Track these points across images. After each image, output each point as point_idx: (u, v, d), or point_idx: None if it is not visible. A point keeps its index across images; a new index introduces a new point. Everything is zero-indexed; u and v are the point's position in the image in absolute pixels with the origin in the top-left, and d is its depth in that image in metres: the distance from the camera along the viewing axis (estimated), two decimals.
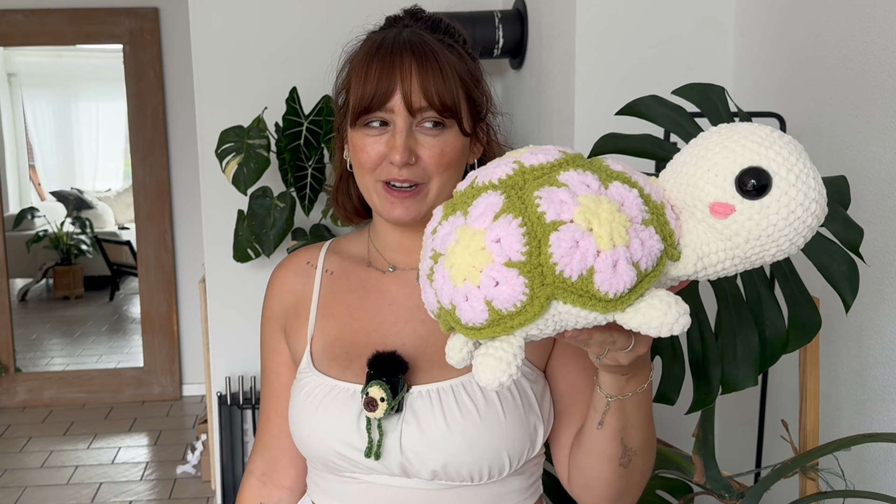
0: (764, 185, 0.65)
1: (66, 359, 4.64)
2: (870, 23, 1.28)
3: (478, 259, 0.66)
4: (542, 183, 0.69)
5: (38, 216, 5.94)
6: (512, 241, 0.65)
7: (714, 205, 0.67)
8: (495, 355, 0.68)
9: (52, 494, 3.04)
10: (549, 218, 0.66)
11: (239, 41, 2.42)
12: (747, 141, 0.67)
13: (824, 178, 1.07)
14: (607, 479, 0.86)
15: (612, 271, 0.65)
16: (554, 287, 0.65)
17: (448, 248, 0.69)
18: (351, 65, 0.91)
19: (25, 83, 6.09)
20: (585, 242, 0.65)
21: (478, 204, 0.69)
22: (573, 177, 0.69)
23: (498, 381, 0.67)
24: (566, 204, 0.66)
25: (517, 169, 0.71)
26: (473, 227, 0.68)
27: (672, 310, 0.66)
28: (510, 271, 0.65)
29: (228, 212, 2.43)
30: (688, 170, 0.70)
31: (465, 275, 0.67)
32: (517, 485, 0.92)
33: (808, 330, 1.01)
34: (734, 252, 0.69)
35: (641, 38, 1.74)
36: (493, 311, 0.66)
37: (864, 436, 1.04)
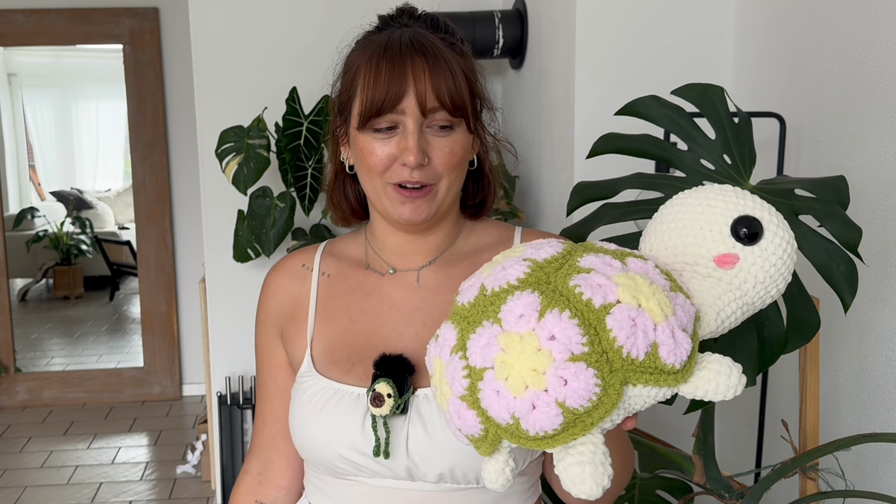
0: (756, 231, 0.69)
1: (66, 359, 4.64)
2: (870, 23, 1.28)
3: (537, 362, 0.62)
4: (567, 272, 0.67)
5: (38, 216, 5.94)
6: (569, 334, 0.63)
7: (719, 258, 0.70)
8: (587, 461, 0.63)
9: (52, 494, 3.04)
10: (598, 303, 0.64)
11: (239, 41, 2.42)
12: (725, 195, 0.71)
13: (824, 178, 1.07)
14: None
15: (673, 342, 0.64)
16: (624, 371, 0.63)
17: (495, 359, 0.65)
18: (355, 67, 0.89)
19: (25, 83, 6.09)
20: (642, 319, 0.64)
21: (511, 308, 0.66)
22: (594, 260, 0.68)
23: (601, 487, 0.63)
24: (606, 286, 0.65)
25: (532, 265, 0.69)
26: (519, 332, 0.64)
27: (733, 371, 0.66)
28: (577, 365, 0.62)
29: (228, 212, 2.43)
30: (678, 233, 0.72)
31: (527, 381, 0.63)
32: (519, 485, 0.93)
33: (807, 330, 1.01)
34: (743, 300, 0.71)
35: (641, 39, 1.74)
36: (568, 411, 0.62)
37: (864, 436, 1.04)
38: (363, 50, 0.89)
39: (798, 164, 1.52)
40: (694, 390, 0.66)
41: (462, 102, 0.87)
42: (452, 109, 0.86)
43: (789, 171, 1.53)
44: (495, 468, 0.69)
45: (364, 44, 0.91)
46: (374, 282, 0.97)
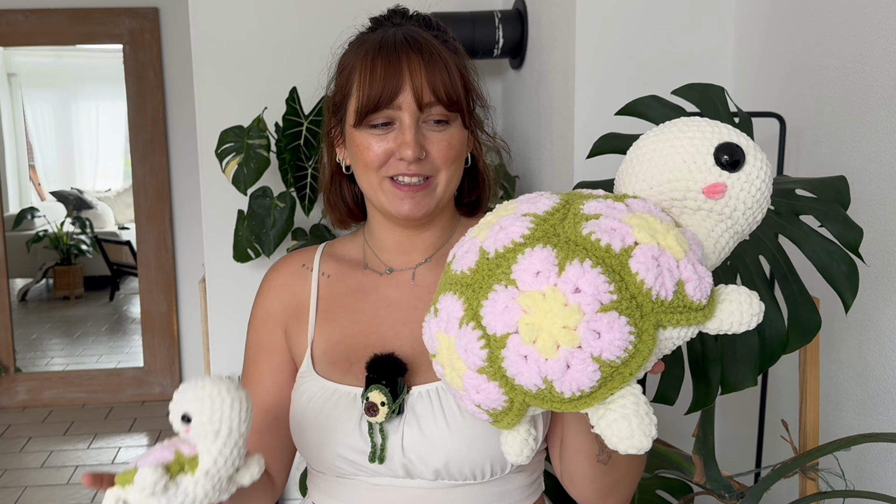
0: (737, 158, 0.68)
1: (66, 359, 4.64)
2: (870, 23, 1.28)
3: (567, 317, 0.59)
4: (575, 220, 0.64)
5: (38, 216, 5.94)
6: (595, 283, 0.59)
7: (707, 188, 0.68)
8: (631, 413, 0.60)
9: (52, 494, 3.04)
10: (617, 247, 0.61)
11: (239, 41, 2.42)
12: (699, 126, 0.69)
13: (824, 178, 1.07)
14: (589, 474, 0.87)
15: (697, 276, 0.62)
16: (655, 314, 0.61)
17: (518, 322, 0.60)
18: (349, 66, 0.90)
19: (25, 83, 6.09)
20: (665, 258, 0.61)
21: (525, 266, 0.61)
22: (598, 205, 0.65)
23: (651, 438, 0.60)
24: (621, 229, 0.62)
25: (535, 219, 0.65)
26: (540, 289, 0.60)
27: (753, 299, 0.64)
28: (609, 315, 0.58)
29: (228, 212, 2.43)
30: (660, 170, 0.69)
31: (558, 340, 0.59)
32: (520, 482, 0.93)
33: (807, 330, 1.01)
34: (735, 229, 0.70)
35: (641, 39, 1.74)
36: (606, 364, 0.59)
37: (864, 436, 1.04)
38: (357, 49, 0.90)
39: (798, 164, 1.52)
40: (720, 324, 0.64)
41: (457, 97, 0.88)
42: (448, 104, 0.87)
43: (789, 171, 1.53)
44: (517, 441, 0.66)
45: (357, 43, 0.92)
46: (372, 281, 0.97)
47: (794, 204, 1.04)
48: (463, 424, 0.85)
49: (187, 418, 0.69)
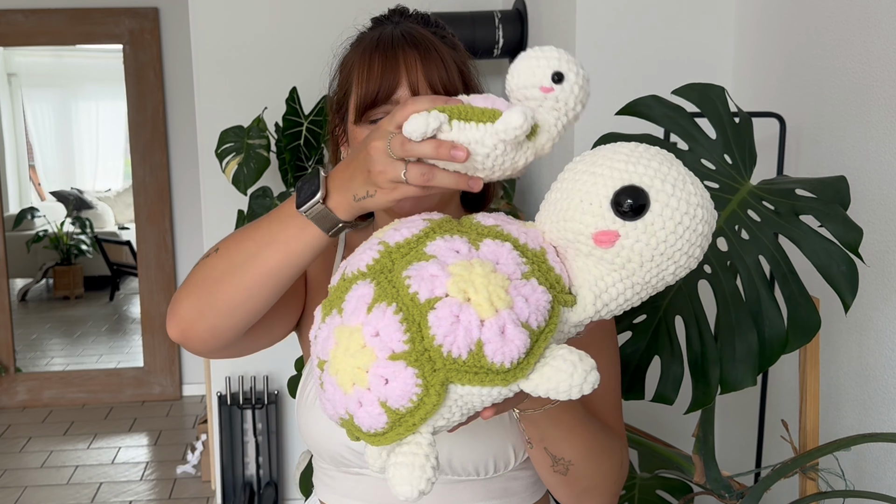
0: (642, 204, 0.62)
1: (66, 359, 4.64)
2: (870, 23, 1.28)
3: (361, 359, 0.61)
4: (410, 260, 0.64)
5: (38, 216, 5.94)
6: (390, 331, 0.60)
7: (597, 235, 0.63)
8: (406, 462, 0.62)
9: (52, 494, 3.04)
10: (423, 297, 0.61)
11: (239, 41, 2.42)
12: (613, 161, 0.64)
13: (824, 178, 1.07)
14: (552, 483, 0.86)
15: (501, 339, 0.60)
16: (446, 370, 0.60)
17: (330, 353, 0.63)
18: (349, 64, 0.91)
19: (25, 83, 6.09)
20: (466, 315, 0.60)
21: (350, 298, 0.64)
22: (440, 246, 0.65)
23: (418, 490, 0.61)
24: (437, 278, 0.61)
25: (383, 250, 0.66)
26: (350, 325, 0.62)
27: (577, 371, 0.61)
28: (396, 364, 0.60)
29: (228, 212, 2.43)
30: (561, 205, 0.66)
31: (353, 378, 0.61)
32: (524, 479, 0.93)
33: (807, 330, 1.01)
34: (632, 280, 0.65)
35: (641, 38, 1.74)
36: (391, 411, 0.61)
37: (864, 436, 1.04)
38: (356, 47, 0.91)
39: (798, 164, 1.52)
40: (535, 388, 0.62)
41: (455, 91, 0.88)
42: None
43: (789, 171, 1.53)
44: (374, 451, 0.65)
45: (357, 42, 0.92)
46: None
47: (794, 204, 1.05)
48: None
49: (559, 77, 0.67)
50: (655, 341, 1.11)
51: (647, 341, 1.11)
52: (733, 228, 1.07)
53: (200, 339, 0.79)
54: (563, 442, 0.81)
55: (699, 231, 0.63)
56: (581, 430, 0.81)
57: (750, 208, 1.08)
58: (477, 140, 0.65)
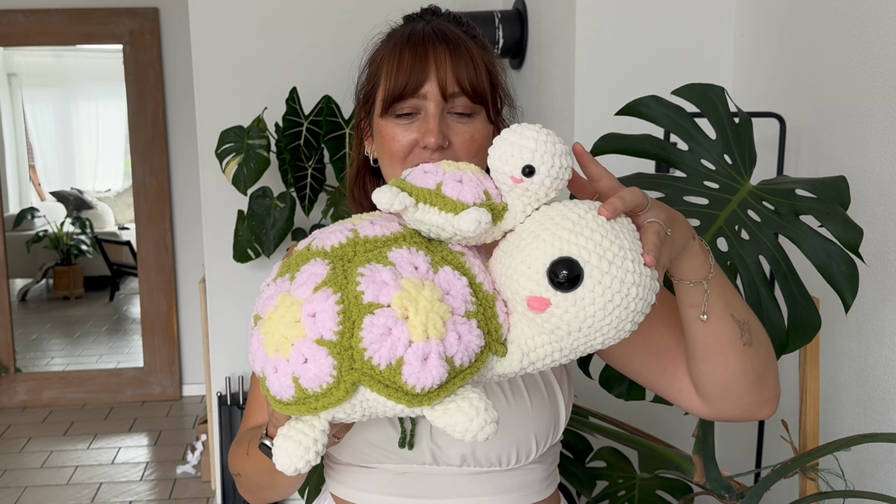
0: (577, 275, 0.63)
1: (66, 359, 4.64)
2: (870, 23, 1.28)
3: (291, 331, 0.63)
4: (370, 258, 0.66)
5: (38, 216, 5.94)
6: (326, 318, 0.63)
7: (530, 299, 0.65)
8: (294, 438, 0.65)
9: (52, 494, 3.04)
10: (367, 299, 0.63)
11: (239, 41, 2.42)
12: (557, 228, 0.65)
13: (824, 178, 1.07)
14: (740, 367, 0.81)
15: (422, 365, 0.62)
16: (361, 373, 0.62)
17: (267, 313, 0.66)
18: (379, 58, 0.92)
19: (25, 83, 6.09)
20: (398, 331, 0.62)
21: (304, 270, 0.66)
22: (403, 256, 0.67)
23: (294, 466, 0.64)
24: (387, 286, 0.64)
25: (351, 238, 0.68)
26: (294, 296, 0.65)
27: (479, 417, 0.63)
28: (320, 350, 0.62)
29: (228, 212, 2.43)
30: (504, 261, 0.68)
31: (277, 345, 0.64)
32: (540, 472, 0.94)
33: (807, 330, 1.01)
34: (560, 345, 0.67)
35: (641, 39, 1.74)
36: (300, 388, 0.63)
37: (864, 436, 1.04)
38: (387, 42, 0.93)
39: (798, 164, 1.52)
40: (435, 419, 0.64)
41: (482, 90, 0.89)
42: (473, 96, 0.88)
43: (789, 171, 1.53)
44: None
45: (388, 37, 0.94)
46: None
47: (794, 204, 1.05)
48: None
49: (530, 171, 0.67)
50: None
51: None
52: (733, 228, 1.07)
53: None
54: (737, 298, 0.80)
55: (631, 308, 0.65)
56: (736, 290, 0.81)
57: (750, 208, 1.08)
58: (439, 225, 0.69)
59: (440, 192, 0.69)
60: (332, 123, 2.17)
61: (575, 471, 1.32)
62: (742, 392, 0.83)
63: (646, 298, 0.65)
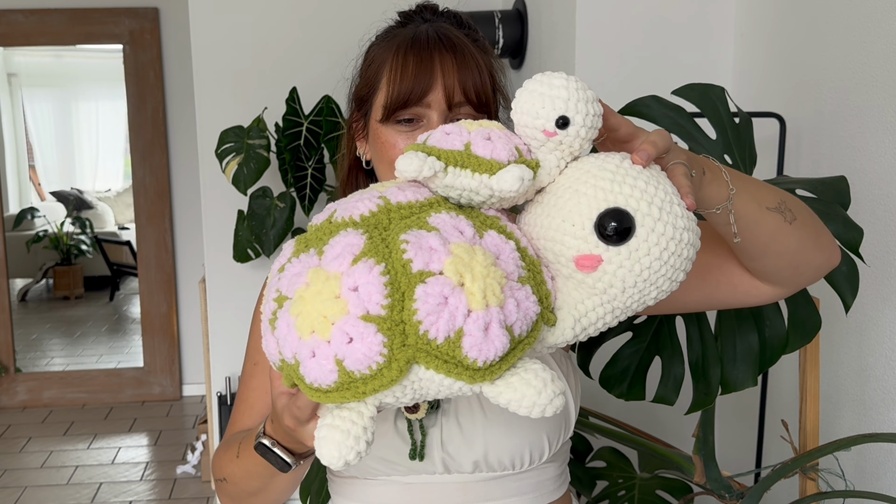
0: (627, 227, 0.59)
1: (66, 359, 4.64)
2: (870, 23, 1.28)
3: (330, 308, 0.56)
4: (409, 224, 0.60)
5: (38, 216, 5.94)
6: (372, 290, 0.56)
7: (578, 259, 0.60)
8: (342, 427, 0.58)
9: (52, 495, 3.04)
10: (416, 267, 0.56)
11: (239, 41, 2.42)
12: (598, 180, 0.61)
13: (824, 178, 1.07)
14: (798, 242, 0.79)
15: (483, 336, 0.56)
16: (416, 349, 0.56)
17: (296, 292, 0.59)
18: (379, 60, 0.88)
19: (25, 83, 6.08)
20: (455, 300, 0.56)
21: (335, 243, 0.59)
22: (445, 220, 0.61)
23: (344, 459, 0.58)
24: (436, 252, 0.57)
25: (382, 206, 0.62)
26: (328, 270, 0.58)
27: (547, 389, 0.58)
28: (367, 326, 0.55)
29: (228, 212, 2.43)
30: (542, 222, 0.63)
31: (314, 326, 0.57)
32: (553, 471, 0.93)
33: (807, 330, 1.01)
34: (612, 305, 0.63)
35: (641, 39, 1.74)
36: (344, 372, 0.56)
37: (864, 436, 1.04)
38: (388, 43, 0.89)
39: (798, 164, 1.52)
40: (497, 395, 0.59)
41: (487, 99, 0.87)
42: (478, 105, 0.86)
43: (789, 171, 1.53)
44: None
45: (387, 37, 0.90)
46: None
47: None
48: (499, 411, 0.84)
49: (564, 122, 0.62)
50: (656, 342, 1.11)
51: (648, 342, 1.11)
52: None
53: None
54: (764, 190, 0.78)
55: (684, 255, 0.61)
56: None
57: None
58: (472, 189, 0.63)
59: (470, 152, 0.63)
60: (332, 123, 2.17)
61: (575, 471, 1.32)
62: (810, 259, 0.82)
63: (695, 244, 0.62)
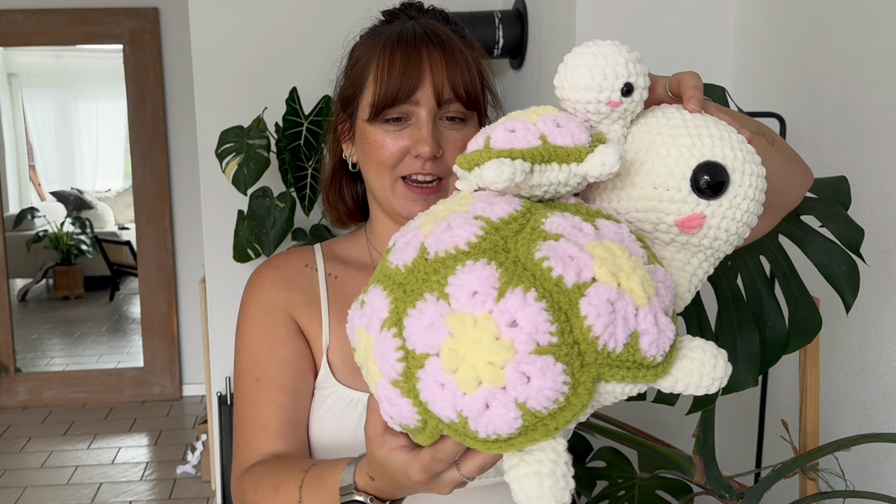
0: (720, 181, 0.58)
1: (66, 359, 4.64)
2: (870, 23, 1.28)
3: (495, 353, 0.50)
4: (530, 237, 0.55)
5: (38, 216, 5.94)
6: (535, 320, 0.51)
7: (682, 221, 0.58)
8: (545, 472, 0.53)
9: (52, 495, 3.04)
10: (570, 281, 0.52)
11: (239, 41, 2.42)
12: (675, 138, 0.59)
13: (824, 178, 1.07)
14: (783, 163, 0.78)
15: (657, 330, 0.53)
16: (598, 366, 0.52)
17: (441, 346, 0.52)
18: (364, 59, 0.87)
19: (25, 83, 6.09)
20: (622, 303, 0.52)
21: (461, 282, 0.53)
22: (560, 223, 0.56)
23: (560, 502, 0.54)
24: (579, 259, 0.53)
25: (487, 226, 0.56)
26: (471, 313, 0.52)
27: (719, 360, 0.56)
28: (543, 359, 0.50)
29: (228, 212, 2.43)
30: (630, 194, 0.60)
31: (481, 376, 0.51)
32: None
33: (808, 330, 1.01)
34: (716, 256, 0.62)
35: (641, 39, 1.74)
36: (530, 413, 0.51)
37: (864, 436, 1.04)
38: (373, 41, 0.87)
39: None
40: (674, 384, 0.56)
41: (476, 95, 0.86)
42: (467, 101, 0.85)
43: None
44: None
45: (373, 36, 0.88)
46: None
47: None
48: None
49: (629, 89, 0.59)
50: None
51: None
52: None
53: None
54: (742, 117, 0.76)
55: (764, 187, 0.60)
56: None
57: None
58: (560, 182, 0.59)
59: (550, 144, 0.59)
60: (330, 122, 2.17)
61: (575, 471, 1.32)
62: (794, 179, 0.82)
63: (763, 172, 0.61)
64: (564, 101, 0.63)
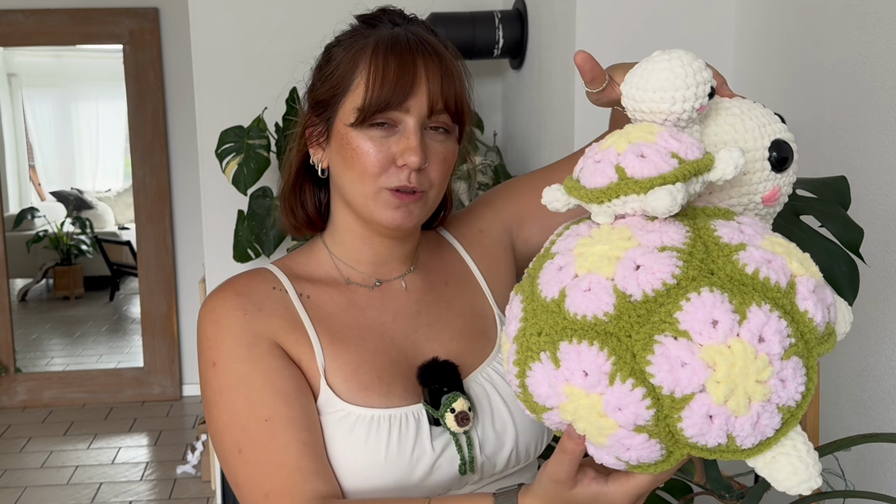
0: (785, 156, 0.66)
1: (66, 359, 4.64)
2: (870, 23, 1.28)
3: (760, 372, 0.55)
4: (723, 253, 0.57)
5: (38, 216, 5.94)
6: (779, 329, 0.55)
7: (767, 196, 0.67)
8: (804, 455, 0.58)
9: (52, 495, 3.04)
10: (784, 282, 0.57)
11: (239, 41, 2.42)
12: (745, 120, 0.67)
13: (824, 178, 1.07)
14: None
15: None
16: (817, 348, 0.58)
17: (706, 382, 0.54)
18: (347, 62, 0.84)
19: (25, 83, 6.08)
20: (818, 287, 0.58)
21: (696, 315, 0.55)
22: (728, 230, 0.59)
23: (818, 471, 0.58)
24: (774, 261, 0.57)
25: (681, 254, 0.57)
26: (724, 342, 0.54)
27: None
28: (792, 361, 0.56)
29: (228, 212, 2.43)
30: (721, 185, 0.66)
31: (752, 396, 0.55)
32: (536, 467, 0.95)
33: None
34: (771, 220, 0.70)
35: (641, 39, 1.74)
36: (786, 411, 0.57)
37: (864, 436, 1.04)
38: (359, 44, 0.84)
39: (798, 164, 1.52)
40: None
41: (464, 109, 0.85)
42: (455, 114, 0.84)
43: None
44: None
45: (355, 39, 0.86)
46: (364, 296, 0.90)
47: (794, 204, 1.04)
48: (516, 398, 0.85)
49: (713, 91, 0.64)
50: None
51: None
52: None
53: None
54: None
55: None
56: None
57: None
58: (696, 193, 0.61)
59: (685, 160, 0.59)
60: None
61: None
62: None
63: None
64: (651, 112, 0.63)
